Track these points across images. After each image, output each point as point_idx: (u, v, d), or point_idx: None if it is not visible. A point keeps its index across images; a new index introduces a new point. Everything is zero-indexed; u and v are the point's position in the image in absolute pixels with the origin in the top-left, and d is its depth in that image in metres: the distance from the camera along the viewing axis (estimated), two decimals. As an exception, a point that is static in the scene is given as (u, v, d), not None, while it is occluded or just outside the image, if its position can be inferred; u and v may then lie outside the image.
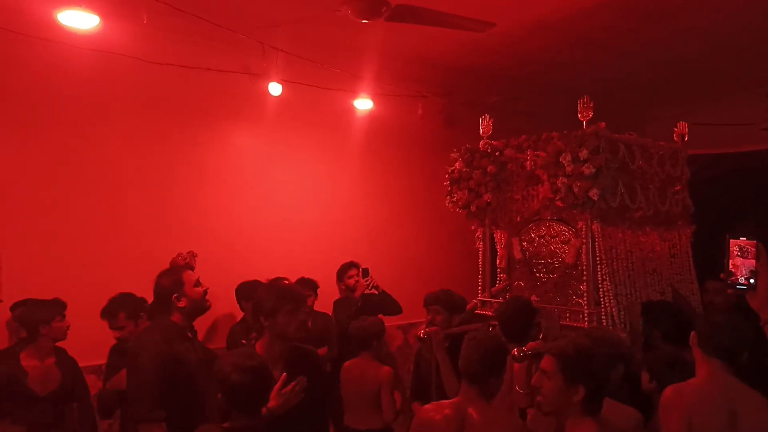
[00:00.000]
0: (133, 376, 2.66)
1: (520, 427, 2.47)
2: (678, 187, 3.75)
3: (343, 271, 4.73)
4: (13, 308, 3.47)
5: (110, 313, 3.51)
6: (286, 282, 2.95)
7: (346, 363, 3.62)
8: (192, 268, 3.98)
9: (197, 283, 2.83)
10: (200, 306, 2.83)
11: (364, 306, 4.47)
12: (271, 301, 2.56)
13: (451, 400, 2.59)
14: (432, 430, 2.46)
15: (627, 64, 5.46)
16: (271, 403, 2.33)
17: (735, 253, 1.78)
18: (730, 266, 1.78)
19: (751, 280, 1.76)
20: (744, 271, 1.77)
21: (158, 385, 2.54)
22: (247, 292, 4.26)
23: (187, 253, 4.09)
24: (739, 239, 1.78)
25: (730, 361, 2.29)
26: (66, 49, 3.79)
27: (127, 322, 3.43)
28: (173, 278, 2.79)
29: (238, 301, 4.30)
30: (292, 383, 2.40)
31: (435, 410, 2.52)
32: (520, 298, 3.30)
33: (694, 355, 2.38)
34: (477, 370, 2.44)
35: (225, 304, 4.30)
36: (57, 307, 3.28)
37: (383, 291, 4.63)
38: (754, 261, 1.75)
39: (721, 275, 1.83)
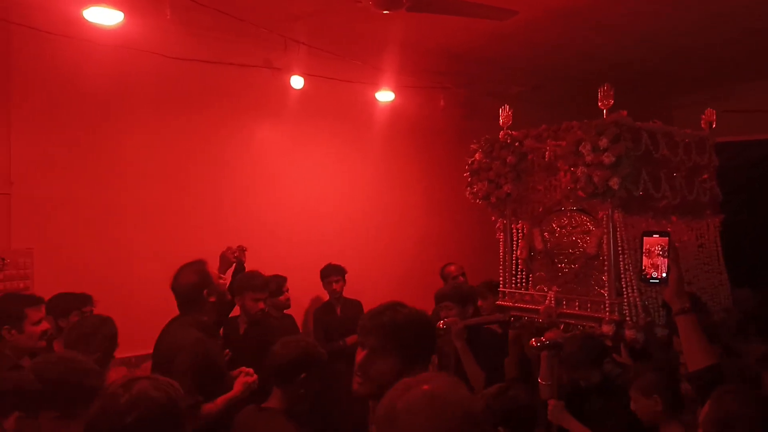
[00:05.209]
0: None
1: None
2: (705, 176, 3.66)
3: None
4: (48, 302, 3.52)
5: None
6: None
7: None
8: (242, 263, 3.92)
9: (219, 276, 2.82)
10: (225, 299, 2.80)
11: None
12: None
13: None
14: None
15: (651, 51, 5.36)
16: None
17: (656, 252, 1.87)
18: (648, 264, 1.89)
19: (664, 274, 1.87)
20: (664, 268, 1.87)
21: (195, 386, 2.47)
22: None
23: (237, 247, 3.87)
24: (653, 237, 1.89)
25: None
26: (90, 46, 3.86)
27: None
28: (200, 273, 2.68)
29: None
30: None
31: None
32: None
33: None
34: None
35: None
36: (75, 301, 3.20)
37: None
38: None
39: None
